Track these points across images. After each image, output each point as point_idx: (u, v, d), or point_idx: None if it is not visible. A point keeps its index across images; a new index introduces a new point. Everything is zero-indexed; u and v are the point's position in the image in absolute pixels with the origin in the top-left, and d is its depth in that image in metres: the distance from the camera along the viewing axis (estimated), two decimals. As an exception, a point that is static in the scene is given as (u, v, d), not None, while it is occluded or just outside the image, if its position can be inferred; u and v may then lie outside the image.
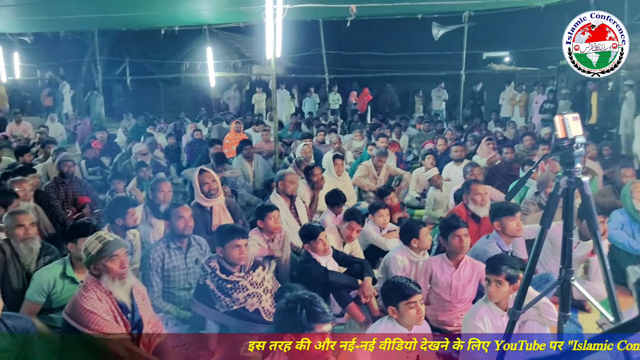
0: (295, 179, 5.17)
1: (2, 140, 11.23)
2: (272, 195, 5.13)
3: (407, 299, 2.97)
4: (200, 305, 3.57)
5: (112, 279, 3.03)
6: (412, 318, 3.00)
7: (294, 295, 2.45)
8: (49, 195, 5.91)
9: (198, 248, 4.10)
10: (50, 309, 3.49)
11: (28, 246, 3.80)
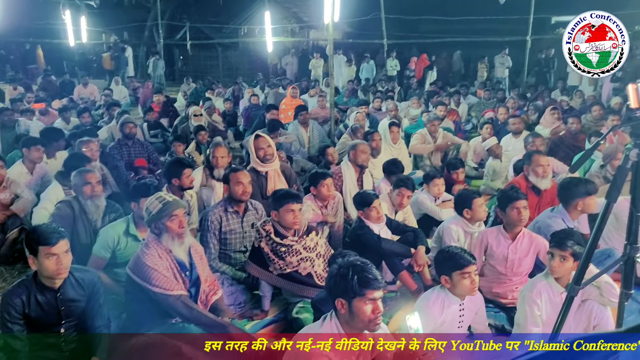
0: (366, 149, 5.09)
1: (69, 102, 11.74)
2: (343, 162, 5.11)
3: (461, 269, 2.94)
4: (255, 267, 3.66)
5: (171, 237, 3.14)
6: (465, 288, 2.97)
7: (346, 260, 2.47)
8: (113, 156, 6.15)
9: (254, 212, 4.18)
10: (115, 264, 3.68)
11: (95, 203, 4.00)
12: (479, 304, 3.17)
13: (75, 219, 3.97)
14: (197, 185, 4.87)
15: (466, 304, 3.07)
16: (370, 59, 16.90)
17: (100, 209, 4.04)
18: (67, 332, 2.93)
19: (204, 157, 6.82)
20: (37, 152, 5.37)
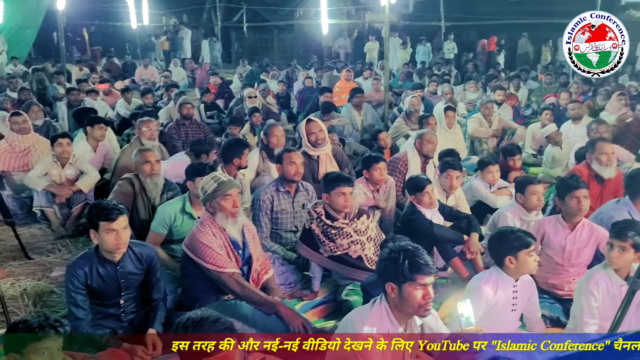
0: (433, 139, 4.99)
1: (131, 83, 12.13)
2: (409, 150, 5.06)
3: (528, 247, 2.89)
4: (305, 248, 3.70)
5: (225, 216, 3.21)
6: (531, 267, 2.93)
7: (398, 245, 2.46)
8: (171, 135, 6.33)
9: (305, 193, 4.21)
10: (172, 240, 3.80)
11: (153, 181, 4.14)
12: (532, 289, 3.09)
13: (135, 196, 4.12)
14: (254, 167, 4.94)
15: (519, 288, 3.00)
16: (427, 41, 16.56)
17: (158, 187, 4.18)
18: (126, 304, 3.06)
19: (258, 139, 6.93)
20: (100, 130, 5.60)
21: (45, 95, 10.26)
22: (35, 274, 4.04)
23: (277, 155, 4.27)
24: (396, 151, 5.99)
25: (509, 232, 3.02)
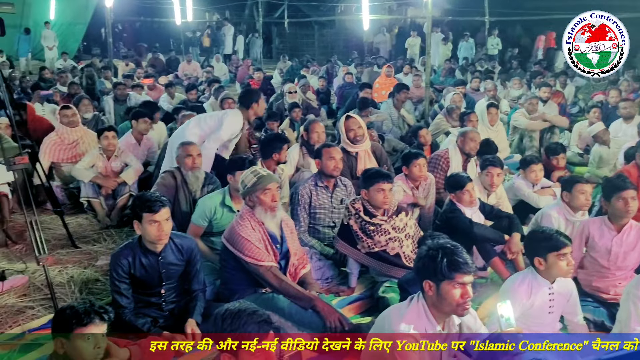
0: (476, 137, 4.89)
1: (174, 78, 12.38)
2: (451, 147, 5.00)
3: (557, 250, 2.81)
4: (343, 244, 3.70)
5: (264, 210, 3.25)
6: (561, 271, 2.84)
7: (436, 242, 2.43)
8: (212, 130, 6.41)
9: (343, 189, 4.21)
10: (211, 232, 3.87)
11: (195, 175, 4.22)
12: (570, 289, 3.01)
13: (177, 188, 4.21)
14: (293, 162, 4.97)
15: (556, 289, 2.92)
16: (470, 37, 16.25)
17: (199, 180, 4.25)
18: (167, 294, 3.14)
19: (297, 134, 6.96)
20: (144, 123, 5.74)
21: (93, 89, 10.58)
22: (82, 262, 4.18)
23: (316, 150, 4.28)
24: (436, 148, 5.92)
25: (539, 232, 2.95)
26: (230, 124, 4.66)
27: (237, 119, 4.71)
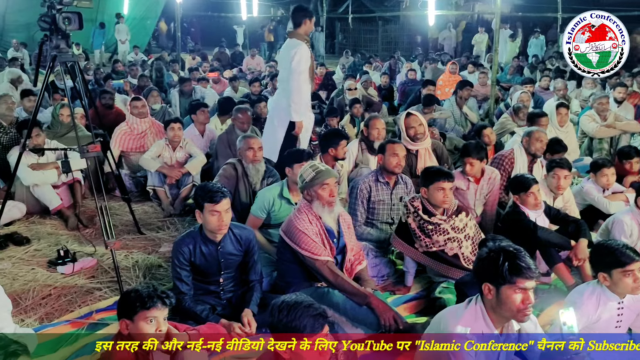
0: (543, 137, 4.71)
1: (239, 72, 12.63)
2: (516, 147, 4.85)
3: (622, 266, 2.65)
4: (400, 242, 3.66)
5: (322, 205, 3.26)
6: (627, 288, 2.68)
7: (497, 245, 2.36)
8: (273, 124, 6.50)
9: (404, 186, 4.17)
10: (269, 224, 3.92)
11: (255, 167, 4.29)
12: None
13: (237, 180, 4.29)
14: (352, 158, 4.97)
15: (626, 303, 2.76)
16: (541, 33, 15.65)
17: (260, 172, 4.32)
18: (225, 282, 3.22)
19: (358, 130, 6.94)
20: (202, 114, 5.91)
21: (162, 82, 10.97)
22: (146, 248, 4.34)
23: (380, 145, 4.25)
24: (500, 148, 5.74)
25: (604, 245, 2.78)
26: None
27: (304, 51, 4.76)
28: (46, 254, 4.16)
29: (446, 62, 11.72)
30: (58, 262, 3.93)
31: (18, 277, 3.78)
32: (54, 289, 3.64)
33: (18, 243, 4.29)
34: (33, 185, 4.74)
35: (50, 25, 3.64)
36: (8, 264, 3.98)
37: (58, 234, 4.56)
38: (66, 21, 3.62)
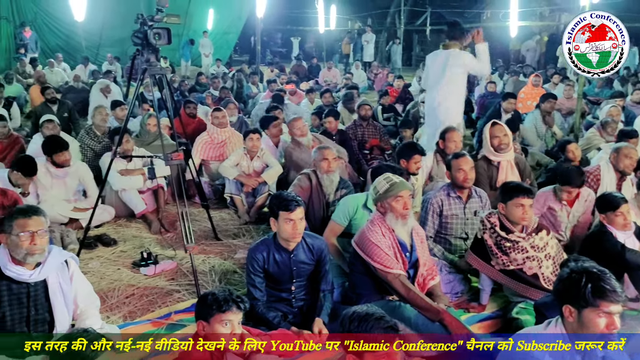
0: (633, 154, 4.43)
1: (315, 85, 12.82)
2: (603, 163, 4.62)
3: None
4: (475, 258, 3.56)
5: (395, 217, 3.23)
6: None
7: (580, 265, 2.24)
8: (349, 135, 6.55)
9: (478, 200, 4.06)
10: (349, 233, 3.84)
11: (330, 178, 4.33)
12: None
13: (312, 190, 4.35)
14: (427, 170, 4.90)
15: None
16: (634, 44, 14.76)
17: (333, 183, 4.35)
18: (297, 291, 3.26)
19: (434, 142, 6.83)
20: (274, 128, 6.04)
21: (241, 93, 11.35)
22: (222, 253, 4.48)
23: (446, 161, 4.18)
24: (586, 164, 5.46)
25: None
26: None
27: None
28: (131, 255, 4.40)
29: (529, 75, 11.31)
30: (141, 264, 4.15)
31: (105, 276, 4.02)
32: (137, 289, 3.84)
33: (106, 244, 4.58)
34: (121, 190, 5.04)
35: (142, 40, 3.87)
36: (97, 263, 4.24)
37: (142, 237, 4.81)
38: (156, 36, 3.84)
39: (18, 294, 2.66)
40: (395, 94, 10.38)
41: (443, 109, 5.49)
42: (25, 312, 2.68)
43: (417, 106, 8.54)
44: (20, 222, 2.62)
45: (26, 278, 2.65)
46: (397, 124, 8.78)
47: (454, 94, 5.51)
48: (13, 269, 2.63)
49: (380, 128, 7.04)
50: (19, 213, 2.67)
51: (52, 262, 2.73)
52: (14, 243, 2.62)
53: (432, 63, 5.68)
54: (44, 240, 2.66)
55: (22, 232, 2.60)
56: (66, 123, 7.50)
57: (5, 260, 2.63)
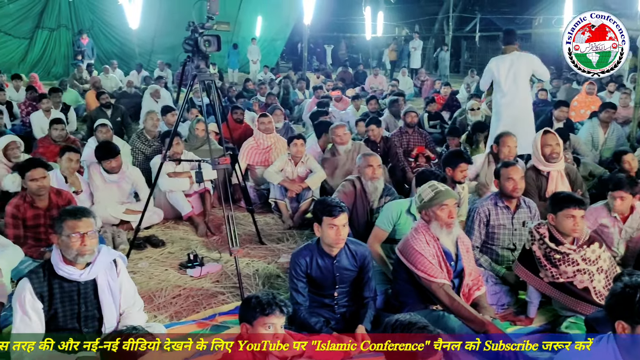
0: None
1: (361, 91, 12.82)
2: None
3: None
4: (523, 270, 3.47)
5: (440, 226, 3.19)
6: None
7: (635, 280, 2.14)
8: (394, 142, 6.51)
9: (527, 210, 3.95)
10: (393, 239, 3.84)
11: (374, 185, 4.32)
12: None
13: (356, 197, 4.34)
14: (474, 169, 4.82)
15: None
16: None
17: (378, 190, 4.34)
18: (340, 297, 3.25)
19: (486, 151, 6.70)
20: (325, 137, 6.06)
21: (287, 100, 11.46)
22: (266, 257, 4.53)
23: (495, 170, 4.09)
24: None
25: None
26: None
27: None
28: (178, 256, 4.51)
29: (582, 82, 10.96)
30: (188, 265, 4.24)
31: (153, 276, 4.13)
32: (183, 290, 3.92)
33: (155, 245, 4.70)
34: (168, 192, 5.18)
35: (192, 47, 3.97)
36: (145, 263, 4.37)
37: (189, 239, 4.92)
38: (207, 43, 3.93)
39: (69, 292, 2.76)
40: (442, 101, 10.26)
41: (516, 105, 5.72)
42: (76, 309, 2.77)
43: (464, 114, 8.40)
44: (70, 224, 2.69)
45: (76, 277, 2.74)
46: (443, 131, 8.67)
47: (523, 90, 5.78)
48: (64, 268, 2.71)
49: (426, 135, 6.97)
50: (67, 214, 2.73)
51: (101, 261, 2.80)
52: (64, 244, 2.69)
53: (500, 65, 5.80)
54: (93, 241, 2.73)
55: (72, 233, 2.67)
56: (119, 127, 7.79)
57: (58, 259, 2.72)
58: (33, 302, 2.66)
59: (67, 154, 4.76)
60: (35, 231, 4.07)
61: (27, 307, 2.65)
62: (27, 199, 4.06)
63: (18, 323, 2.65)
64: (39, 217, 4.07)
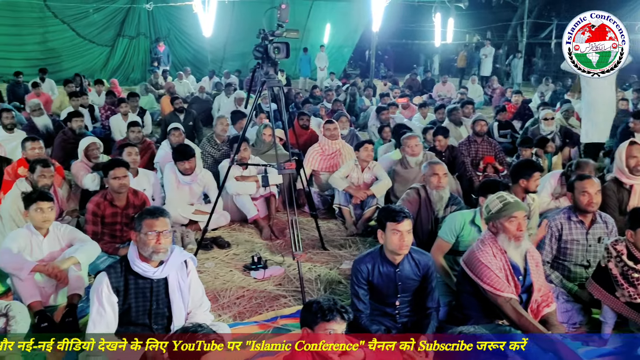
0: None
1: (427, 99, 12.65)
2: None
3: None
4: (598, 288, 3.30)
5: (508, 238, 3.09)
6: None
7: None
8: (461, 151, 6.37)
9: (603, 226, 3.75)
10: (457, 250, 3.77)
11: (439, 194, 4.24)
12: None
13: (420, 205, 4.29)
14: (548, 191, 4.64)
15: None
16: None
17: (443, 199, 4.26)
18: (401, 306, 3.21)
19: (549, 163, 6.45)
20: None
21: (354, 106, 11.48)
22: (328, 263, 4.55)
23: (569, 183, 3.91)
24: None
25: None
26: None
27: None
28: (242, 258, 4.61)
29: (667, 91, 10.32)
30: (252, 267, 4.33)
31: (219, 277, 4.25)
32: (246, 291, 4.01)
33: (221, 246, 4.84)
34: (235, 195, 5.31)
35: (262, 54, 4.07)
36: (212, 263, 4.50)
37: (253, 241, 5.02)
38: (276, 50, 4.02)
39: (143, 289, 2.89)
40: (513, 110, 9.93)
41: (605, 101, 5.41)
42: (148, 306, 2.90)
43: (537, 123, 8.08)
44: (148, 222, 2.83)
45: (150, 275, 2.86)
46: (513, 141, 8.39)
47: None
48: (140, 265, 2.85)
49: (496, 145, 6.76)
50: (147, 214, 2.88)
51: (173, 261, 2.92)
52: (142, 241, 2.83)
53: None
54: (168, 240, 2.86)
55: (150, 231, 2.81)
56: (190, 131, 8.06)
57: (134, 256, 2.86)
58: (109, 295, 2.81)
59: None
60: (112, 228, 4.28)
61: (103, 300, 2.80)
62: (108, 197, 4.29)
63: (94, 314, 2.80)
64: (117, 215, 4.29)
